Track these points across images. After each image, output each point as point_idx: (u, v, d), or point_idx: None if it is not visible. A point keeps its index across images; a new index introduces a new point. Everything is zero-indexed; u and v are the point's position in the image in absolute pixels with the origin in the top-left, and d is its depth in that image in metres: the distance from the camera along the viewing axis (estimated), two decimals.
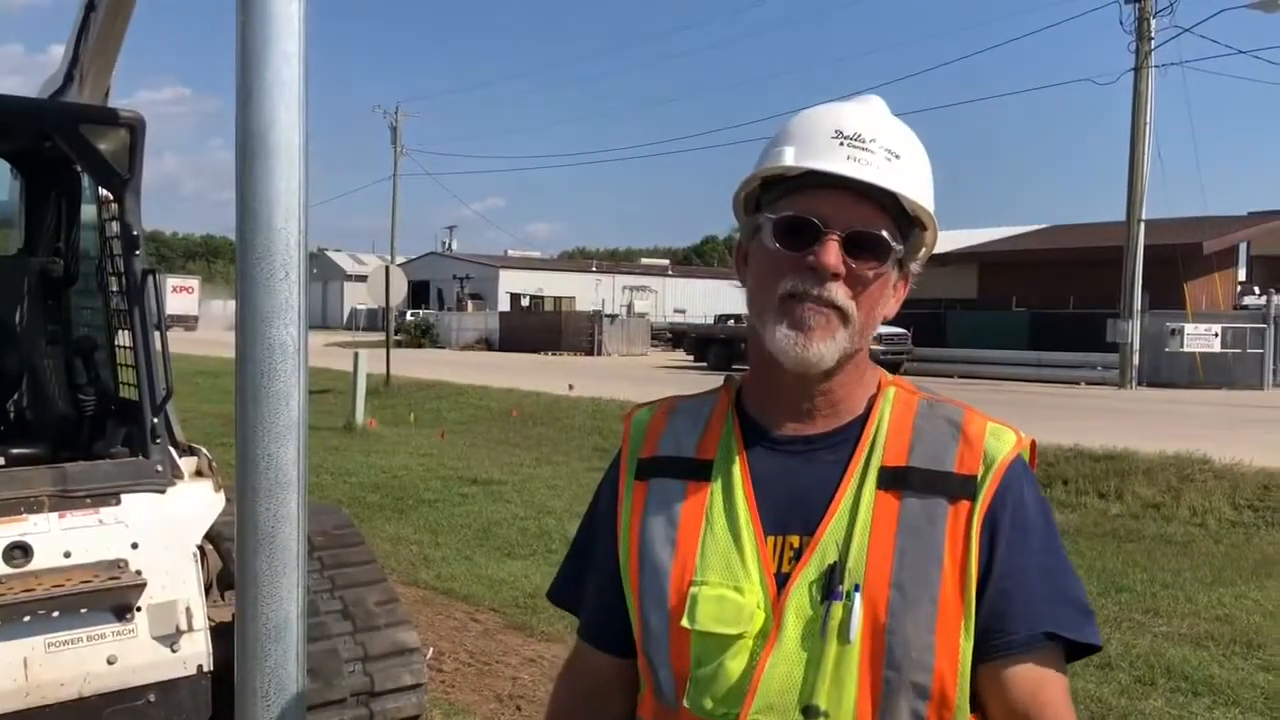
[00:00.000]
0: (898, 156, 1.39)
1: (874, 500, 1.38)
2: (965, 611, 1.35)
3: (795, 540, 1.40)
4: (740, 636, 1.37)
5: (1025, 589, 1.37)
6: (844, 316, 1.39)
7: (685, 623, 1.39)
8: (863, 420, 1.46)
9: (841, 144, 1.38)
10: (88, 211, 4.39)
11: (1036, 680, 1.37)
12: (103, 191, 4.11)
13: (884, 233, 1.39)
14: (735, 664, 1.37)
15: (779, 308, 1.40)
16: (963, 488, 1.38)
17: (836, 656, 1.34)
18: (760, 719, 1.35)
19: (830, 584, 1.35)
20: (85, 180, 4.33)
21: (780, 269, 1.40)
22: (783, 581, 1.38)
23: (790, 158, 1.40)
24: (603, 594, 1.55)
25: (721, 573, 1.40)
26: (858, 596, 1.34)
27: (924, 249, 1.49)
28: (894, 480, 1.39)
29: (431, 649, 6.22)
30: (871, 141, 1.38)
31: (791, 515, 1.41)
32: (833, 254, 1.37)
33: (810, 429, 1.46)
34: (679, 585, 1.42)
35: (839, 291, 1.38)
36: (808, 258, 1.38)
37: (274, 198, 1.80)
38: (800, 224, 1.38)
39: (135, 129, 3.78)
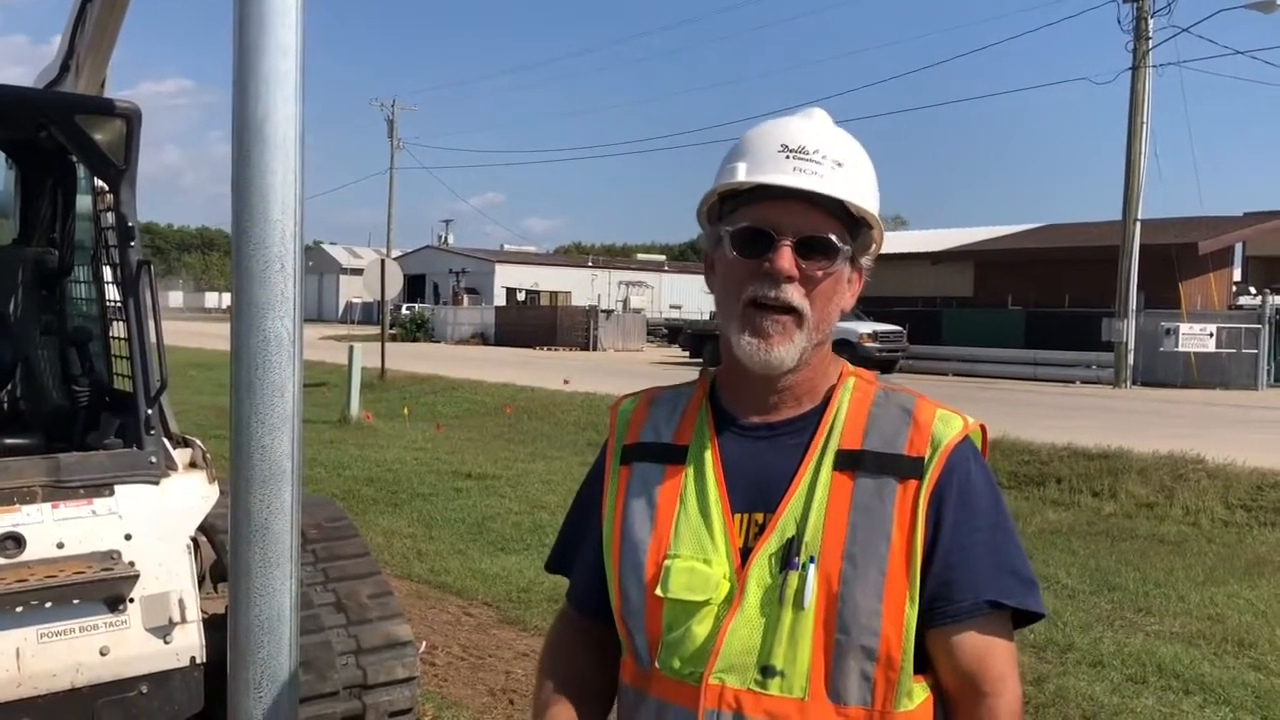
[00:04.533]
0: (840, 165, 1.53)
1: (830, 480, 1.53)
2: (911, 581, 1.49)
3: (759, 517, 1.55)
4: (707, 603, 1.52)
5: (970, 561, 1.51)
6: (800, 318, 1.54)
7: (659, 591, 1.54)
8: (823, 408, 1.60)
9: (788, 157, 1.52)
10: (83, 202, 4.38)
11: (982, 645, 1.52)
12: (98, 182, 4.09)
13: (832, 235, 1.53)
14: (701, 628, 1.52)
15: (742, 315, 1.55)
16: (911, 468, 1.52)
17: (792, 621, 1.48)
18: (722, 677, 1.50)
19: (788, 556, 1.50)
20: (81, 171, 4.31)
21: (741, 276, 1.55)
22: (747, 554, 1.53)
23: (742, 173, 1.54)
24: (591, 567, 1.70)
25: (693, 547, 1.55)
26: (812, 567, 1.48)
27: (874, 244, 1.63)
28: (849, 462, 1.53)
29: (424, 643, 6.22)
30: (815, 152, 1.52)
31: (756, 495, 1.56)
32: (786, 259, 1.51)
33: (775, 417, 1.61)
34: (655, 558, 1.57)
35: (794, 293, 1.52)
36: (764, 264, 1.52)
37: (270, 190, 1.80)
38: (755, 233, 1.53)
39: (131, 120, 3.76)
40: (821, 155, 1.51)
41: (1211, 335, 26.69)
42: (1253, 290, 34.06)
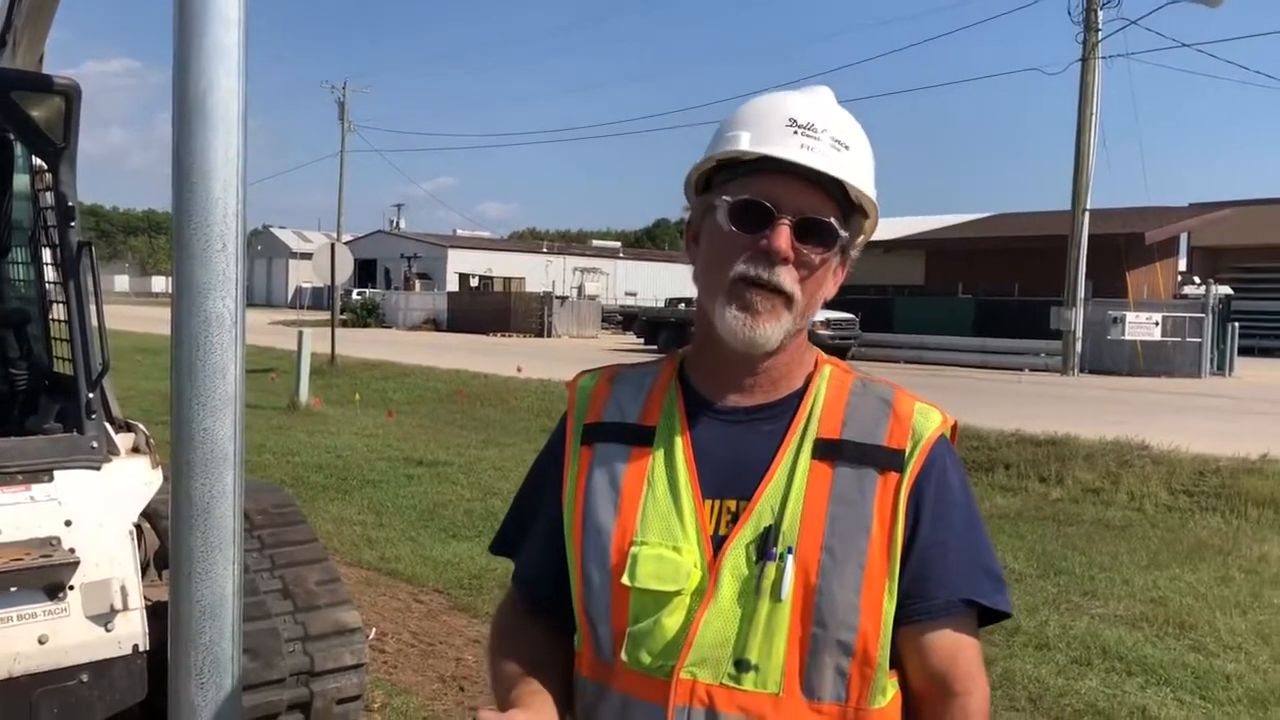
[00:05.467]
0: (846, 147, 1.46)
1: (809, 469, 1.47)
2: (889, 576, 1.44)
3: (733, 504, 1.47)
4: (677, 594, 1.44)
5: (946, 558, 1.47)
6: (789, 300, 1.46)
7: (625, 580, 1.46)
8: (800, 394, 1.54)
9: (795, 132, 1.44)
10: (20, 181, 4.27)
11: (953, 644, 1.48)
12: (37, 161, 4.00)
13: (832, 219, 1.46)
14: (672, 620, 1.44)
15: (729, 290, 1.47)
16: (891, 460, 1.47)
17: (768, 614, 1.42)
18: (695, 671, 1.43)
19: (765, 546, 1.43)
20: (18, 149, 4.21)
21: (733, 250, 1.46)
22: (719, 543, 1.45)
23: (746, 142, 1.45)
24: (542, 552, 1.62)
25: (661, 533, 1.47)
26: (790, 558, 1.42)
27: (863, 235, 1.56)
28: (828, 451, 1.48)
29: (374, 630, 6.18)
30: (822, 131, 1.45)
31: (730, 481, 1.49)
32: (784, 238, 1.43)
33: (750, 401, 1.54)
34: (620, 545, 1.48)
35: (786, 275, 1.45)
36: (760, 241, 1.44)
37: (211, 167, 1.75)
38: (755, 207, 1.45)
39: (70, 97, 3.67)
40: (828, 135, 1.44)
41: (1157, 324, 27.16)
42: (1197, 280, 34.73)
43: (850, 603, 1.41)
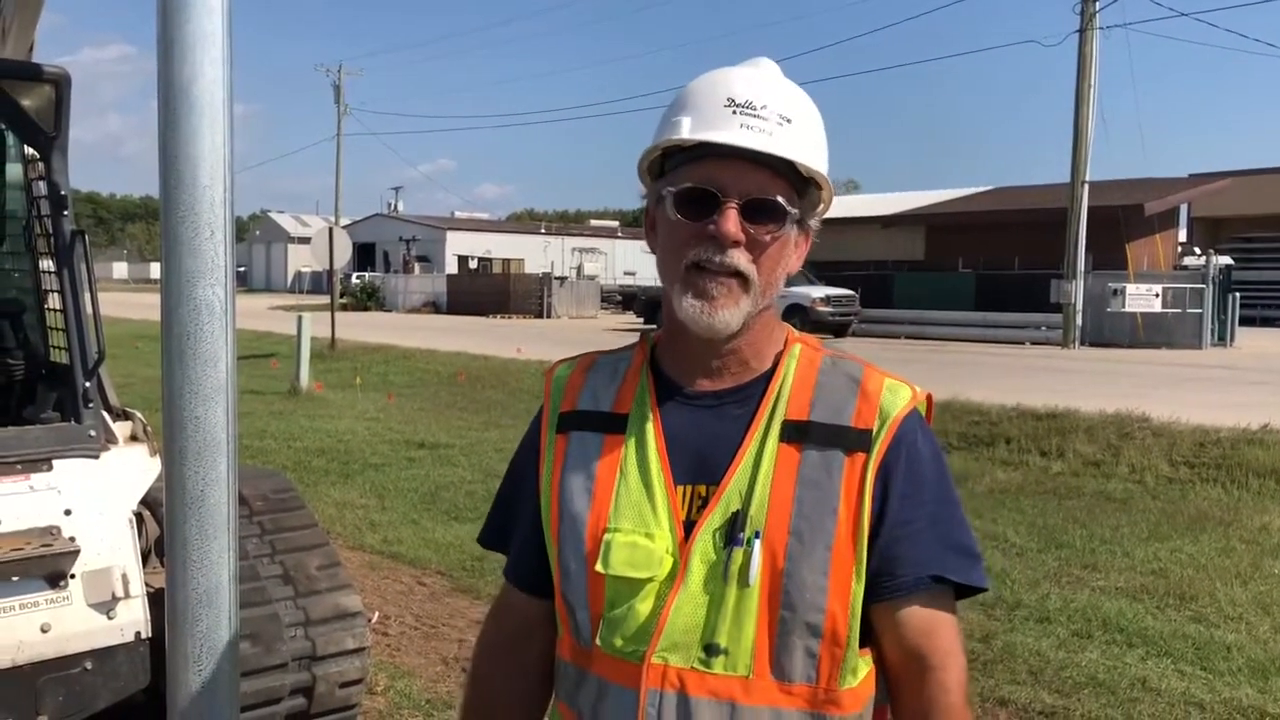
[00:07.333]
0: (789, 121, 1.45)
1: (776, 452, 1.47)
2: (857, 557, 1.45)
3: (703, 490, 1.49)
4: (649, 580, 1.47)
5: (915, 536, 1.47)
6: (745, 282, 1.46)
7: (599, 568, 1.48)
8: (769, 376, 1.54)
9: (735, 112, 1.43)
10: (13, 170, 4.26)
11: (927, 620, 1.49)
12: (29, 150, 3.98)
13: (779, 198, 1.46)
14: (644, 606, 1.47)
15: (684, 278, 1.47)
16: (859, 441, 1.47)
17: (737, 598, 1.43)
18: (666, 656, 1.46)
19: (733, 531, 1.44)
20: (9, 138, 4.20)
21: (683, 239, 1.47)
22: (691, 529, 1.47)
23: (686, 129, 1.45)
24: (527, 540, 1.64)
25: (634, 520, 1.49)
26: (758, 543, 1.43)
27: (821, 205, 1.55)
28: (796, 433, 1.48)
29: (377, 613, 6.20)
30: (763, 108, 1.44)
31: (700, 466, 1.50)
32: (731, 222, 1.43)
33: (719, 384, 1.55)
34: (594, 532, 1.51)
35: (740, 257, 1.45)
36: (708, 227, 1.44)
37: (198, 155, 1.75)
38: (699, 194, 1.45)
39: (60, 85, 3.66)
40: (770, 111, 1.43)
41: (1157, 296, 27.11)
42: (1197, 251, 34.64)
43: (818, 585, 1.43)
